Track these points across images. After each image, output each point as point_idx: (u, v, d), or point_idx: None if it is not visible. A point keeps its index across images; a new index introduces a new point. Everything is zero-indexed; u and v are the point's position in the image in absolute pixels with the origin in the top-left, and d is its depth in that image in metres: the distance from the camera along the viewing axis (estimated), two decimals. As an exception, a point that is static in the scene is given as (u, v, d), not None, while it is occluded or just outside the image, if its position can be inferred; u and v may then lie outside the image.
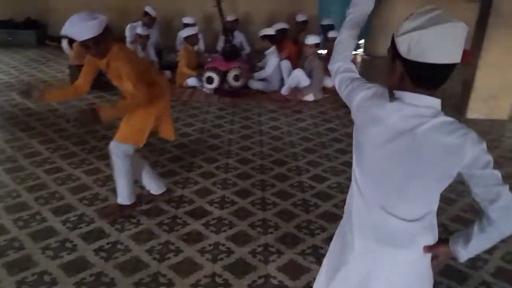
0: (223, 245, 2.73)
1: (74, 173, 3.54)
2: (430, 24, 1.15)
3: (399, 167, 1.26)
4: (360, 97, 1.35)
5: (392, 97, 1.27)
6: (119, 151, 2.82)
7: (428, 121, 1.20)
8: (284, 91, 5.74)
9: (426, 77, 1.21)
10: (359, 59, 8.78)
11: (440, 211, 1.38)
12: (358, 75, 1.47)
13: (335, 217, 3.06)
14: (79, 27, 2.48)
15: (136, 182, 3.08)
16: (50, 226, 2.85)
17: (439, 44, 1.15)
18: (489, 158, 1.18)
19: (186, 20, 7.33)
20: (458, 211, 3.20)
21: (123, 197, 2.94)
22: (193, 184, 3.47)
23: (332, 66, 1.52)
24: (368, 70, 7.84)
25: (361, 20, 1.57)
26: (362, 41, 9.22)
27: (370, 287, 1.37)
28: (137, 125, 2.83)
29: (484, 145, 1.18)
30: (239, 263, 2.57)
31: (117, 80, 2.73)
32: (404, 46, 1.19)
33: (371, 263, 1.36)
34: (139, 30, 6.19)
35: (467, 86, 5.32)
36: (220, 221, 2.98)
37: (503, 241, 2.78)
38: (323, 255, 2.59)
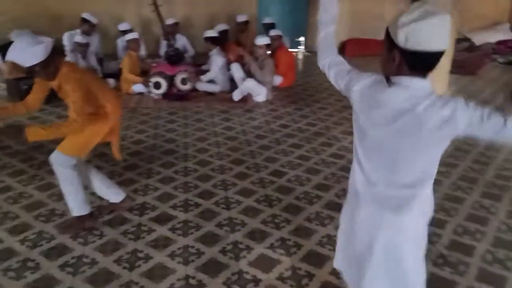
0: (193, 247, 2.74)
1: (26, 191, 3.38)
2: (424, 17, 1.31)
3: (402, 143, 1.43)
4: (360, 86, 1.55)
5: (390, 83, 1.45)
6: (61, 161, 2.74)
7: (425, 100, 1.37)
8: (235, 97, 5.68)
9: (421, 63, 1.38)
10: (300, 56, 9.03)
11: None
12: (350, 67, 1.67)
13: (298, 209, 3.16)
14: (24, 54, 2.40)
15: (86, 189, 2.97)
16: (8, 247, 2.71)
17: (432, 34, 1.32)
18: (480, 112, 1.30)
19: (122, 27, 7.16)
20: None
21: (76, 208, 2.85)
22: (154, 190, 3.44)
23: (322, 63, 1.73)
24: (309, 66, 8.10)
25: (332, 20, 1.76)
26: (301, 39, 9.50)
27: (373, 247, 1.59)
28: (82, 139, 2.76)
29: (473, 104, 1.33)
30: (211, 263, 2.60)
31: (68, 100, 2.66)
32: (402, 37, 1.34)
33: (375, 226, 1.57)
34: (78, 38, 5.98)
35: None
36: (186, 224, 2.98)
37: (451, 215, 3.01)
38: (292, 246, 2.71)
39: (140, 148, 4.23)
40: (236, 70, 5.83)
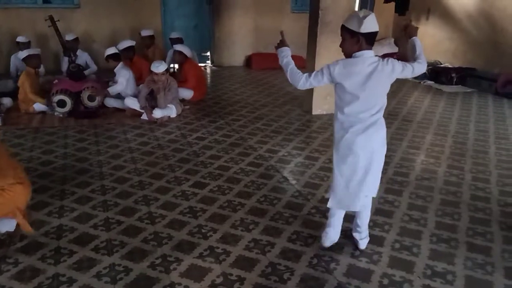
0: (119, 265, 2.66)
1: None
2: (368, 15, 2.41)
3: (373, 91, 2.47)
4: (337, 70, 2.47)
5: (353, 58, 2.47)
6: None
7: (377, 62, 2.46)
8: (156, 114, 5.48)
9: (372, 39, 2.47)
10: (208, 70, 9.16)
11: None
12: (318, 70, 2.55)
13: (222, 217, 3.23)
14: None
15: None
16: None
17: (374, 22, 2.43)
18: (403, 64, 2.53)
19: (20, 39, 6.72)
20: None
21: None
22: (70, 211, 3.26)
23: (302, 82, 2.59)
24: (218, 79, 8.27)
25: (292, 63, 2.69)
26: (208, 53, 9.64)
27: (373, 156, 2.57)
28: None
29: (395, 59, 2.54)
30: (141, 279, 2.55)
31: None
32: (363, 26, 2.39)
33: (370, 143, 2.54)
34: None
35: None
36: (110, 242, 2.88)
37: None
38: (221, 254, 2.78)
39: (50, 169, 3.98)
40: (142, 90, 5.65)
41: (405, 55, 9.84)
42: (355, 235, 2.90)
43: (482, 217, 3.32)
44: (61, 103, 5.49)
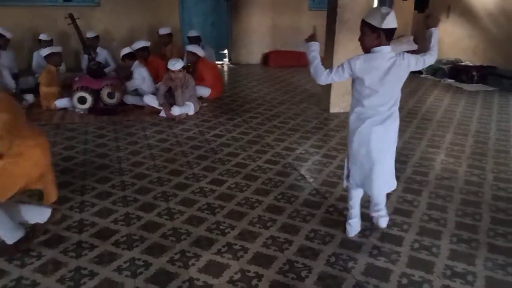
0: (139, 259, 2.70)
1: None
2: (389, 11, 2.52)
3: (391, 85, 2.62)
4: (358, 65, 2.59)
5: (371, 53, 2.59)
6: None
7: (395, 57, 2.58)
8: (174, 112, 5.53)
9: (391, 35, 2.57)
10: (225, 68, 9.19)
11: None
12: (339, 66, 2.68)
13: (240, 214, 3.24)
14: None
15: (24, 225, 2.81)
16: None
17: (394, 19, 2.53)
18: (416, 58, 2.67)
19: (43, 37, 6.86)
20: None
21: (9, 237, 2.68)
22: (91, 206, 3.32)
23: (324, 77, 2.70)
24: (236, 77, 8.29)
25: (319, 59, 2.78)
26: (225, 51, 9.67)
27: (385, 144, 2.74)
28: (5, 181, 2.61)
29: (413, 55, 2.68)
30: (160, 273, 2.58)
31: None
32: (385, 22, 2.49)
33: (385, 133, 2.70)
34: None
35: (327, 86, 6.02)
36: (129, 237, 2.93)
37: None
38: (238, 250, 2.79)
39: (71, 164, 4.05)
40: (160, 88, 5.72)
41: (424, 48, 9.71)
42: (374, 214, 3.05)
43: (503, 217, 3.27)
44: (82, 100, 5.58)
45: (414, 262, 2.73)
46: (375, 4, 9.43)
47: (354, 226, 3.01)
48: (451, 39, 9.05)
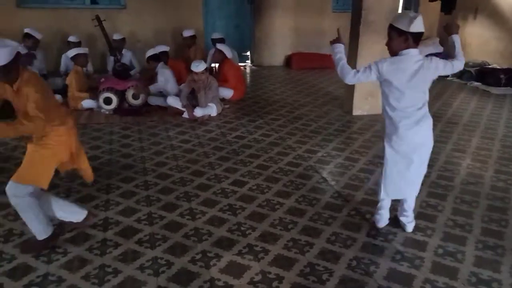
0: (162, 258, 2.74)
1: (-24, 212, 3.21)
2: (417, 16, 2.59)
3: (419, 86, 2.68)
4: (385, 67, 2.65)
5: (399, 56, 2.65)
6: (17, 192, 2.65)
7: (422, 60, 2.65)
8: (197, 113, 5.58)
9: (418, 38, 2.63)
10: (248, 70, 9.22)
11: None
12: (366, 66, 2.72)
13: (261, 216, 3.25)
14: None
15: (52, 221, 2.89)
16: None
17: (421, 22, 2.59)
18: (444, 62, 2.76)
19: (71, 38, 7.03)
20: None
21: (40, 233, 2.76)
22: (115, 205, 3.39)
23: (351, 77, 2.74)
24: (258, 79, 8.30)
25: (344, 60, 2.85)
26: (248, 53, 9.71)
27: (422, 145, 2.80)
28: (37, 165, 2.69)
29: (441, 60, 2.76)
30: (182, 273, 2.61)
31: (22, 110, 2.61)
32: (413, 26, 2.56)
33: (423, 134, 2.77)
34: (20, 48, 5.73)
35: (350, 88, 5.98)
36: (152, 236, 2.98)
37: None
38: (259, 252, 2.80)
39: (96, 164, 4.14)
40: (183, 90, 5.78)
41: (450, 55, 9.53)
42: (402, 219, 3.09)
43: (531, 225, 3.19)
44: (108, 101, 5.70)
45: (438, 268, 2.68)
46: (401, 6, 9.31)
47: (384, 216, 3.10)
48: (478, 41, 8.85)
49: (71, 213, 2.97)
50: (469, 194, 3.66)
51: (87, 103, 5.83)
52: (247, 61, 9.68)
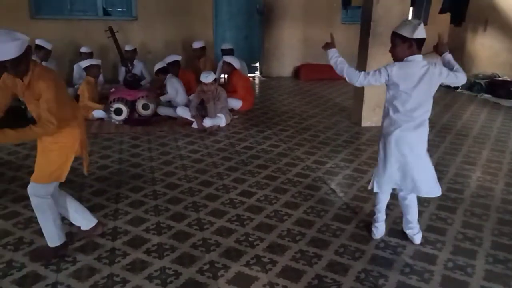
0: (170, 268, 2.75)
1: (-12, 220, 3.25)
2: (420, 23, 2.71)
3: (424, 91, 2.75)
4: (394, 71, 2.74)
5: (404, 62, 2.74)
6: (39, 191, 2.69)
7: (427, 66, 2.72)
8: (206, 123, 5.60)
9: (422, 44, 2.73)
10: (256, 80, 9.27)
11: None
12: (375, 70, 2.82)
13: (269, 227, 3.25)
14: None
15: (64, 220, 2.95)
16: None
17: (424, 29, 2.70)
18: (447, 71, 2.82)
19: (83, 49, 7.14)
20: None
21: (53, 239, 2.79)
22: (124, 214, 3.41)
23: (361, 79, 2.83)
24: (266, 90, 8.34)
25: (346, 64, 2.93)
26: (256, 64, 9.77)
27: (418, 150, 2.85)
28: (55, 163, 2.71)
29: (445, 68, 2.85)
30: (190, 283, 2.61)
31: (33, 103, 2.58)
32: (416, 32, 2.67)
33: (418, 139, 2.84)
34: (34, 57, 5.84)
35: (358, 99, 5.99)
36: (160, 246, 2.99)
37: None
38: (267, 263, 2.79)
39: (106, 173, 4.18)
40: (192, 100, 5.83)
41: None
42: (408, 232, 3.10)
43: (543, 239, 3.14)
44: (118, 111, 5.76)
45: (448, 282, 2.66)
46: (410, 18, 9.32)
47: (380, 229, 3.13)
48: (488, 53, 8.82)
49: (83, 217, 3.01)
50: (479, 207, 3.63)
51: (98, 113, 5.90)
52: (256, 72, 9.74)
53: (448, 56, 2.93)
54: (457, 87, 8.42)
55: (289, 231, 3.20)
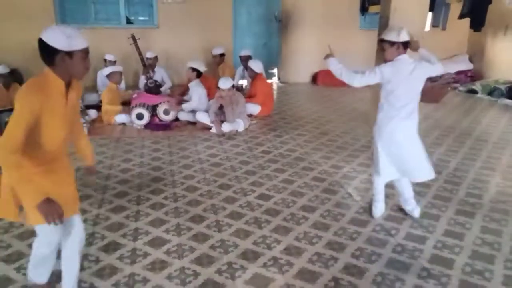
0: (189, 268, 2.82)
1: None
2: (401, 28, 3.19)
3: (414, 85, 3.20)
4: (387, 69, 3.16)
5: (394, 62, 3.17)
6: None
7: (414, 63, 3.17)
8: (225, 128, 5.70)
9: (406, 46, 3.19)
10: (274, 86, 9.34)
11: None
12: (371, 69, 3.22)
13: (286, 230, 3.30)
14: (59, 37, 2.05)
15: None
16: (4, 275, 2.71)
17: (405, 33, 3.17)
18: (426, 62, 3.20)
19: (108, 57, 7.34)
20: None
21: (33, 274, 2.49)
22: (145, 216, 3.50)
23: (359, 80, 3.22)
24: (284, 95, 8.40)
25: (345, 66, 3.35)
26: (275, 70, 9.84)
27: (412, 139, 3.28)
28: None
29: (424, 61, 3.23)
30: (208, 283, 2.68)
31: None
32: (402, 36, 3.14)
33: (410, 128, 3.26)
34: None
35: (375, 104, 5.97)
36: (180, 247, 3.06)
37: (430, 232, 3.19)
38: (284, 265, 2.84)
39: (128, 176, 4.29)
40: (212, 105, 5.92)
41: (479, 72, 9.38)
42: (407, 208, 3.53)
43: None
44: (140, 116, 5.90)
45: (466, 286, 2.66)
46: (428, 24, 9.27)
47: (379, 208, 3.52)
48: (509, 58, 8.69)
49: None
50: (498, 212, 3.60)
51: (120, 118, 6.05)
52: (274, 78, 9.81)
53: (423, 51, 3.27)
54: (477, 92, 8.33)
55: (305, 234, 3.24)
